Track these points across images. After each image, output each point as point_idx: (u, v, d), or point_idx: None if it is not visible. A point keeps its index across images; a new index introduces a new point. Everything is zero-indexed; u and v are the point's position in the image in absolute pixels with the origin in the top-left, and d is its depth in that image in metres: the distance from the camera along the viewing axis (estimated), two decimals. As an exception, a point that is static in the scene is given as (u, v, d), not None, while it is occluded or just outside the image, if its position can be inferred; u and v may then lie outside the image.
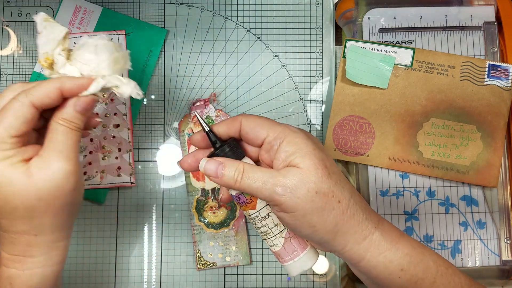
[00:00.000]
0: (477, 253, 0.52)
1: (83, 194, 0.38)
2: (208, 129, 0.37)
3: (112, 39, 0.54)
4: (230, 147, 0.37)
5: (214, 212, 0.54)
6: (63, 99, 0.36)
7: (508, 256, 0.51)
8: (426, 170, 0.52)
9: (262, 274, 0.54)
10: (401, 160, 0.52)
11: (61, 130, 0.36)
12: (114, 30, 0.54)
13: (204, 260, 0.53)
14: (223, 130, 0.38)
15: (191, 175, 0.54)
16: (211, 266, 0.53)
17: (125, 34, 0.54)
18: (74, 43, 0.54)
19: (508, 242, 0.51)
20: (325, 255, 0.54)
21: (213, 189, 0.54)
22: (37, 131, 0.39)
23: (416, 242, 0.37)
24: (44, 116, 0.38)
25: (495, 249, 0.52)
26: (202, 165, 0.37)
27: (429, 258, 0.37)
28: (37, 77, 0.54)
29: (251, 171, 0.35)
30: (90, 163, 0.53)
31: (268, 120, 0.37)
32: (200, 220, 0.54)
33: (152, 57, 0.55)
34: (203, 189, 0.54)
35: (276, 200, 0.35)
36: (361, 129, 0.52)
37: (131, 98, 0.54)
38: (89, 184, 0.53)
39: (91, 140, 0.53)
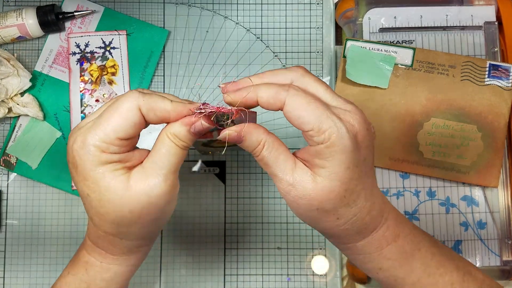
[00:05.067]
0: (478, 253, 0.51)
1: (173, 209, 0.37)
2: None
3: (113, 39, 0.54)
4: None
5: (214, 212, 0.54)
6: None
7: (508, 257, 0.51)
8: (427, 170, 0.51)
9: (262, 274, 0.54)
10: (401, 160, 0.52)
11: (167, 144, 0.33)
12: (116, 30, 0.55)
13: (203, 260, 0.53)
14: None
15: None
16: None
17: (126, 35, 0.55)
18: (75, 42, 0.54)
19: (509, 242, 0.51)
20: (325, 256, 0.54)
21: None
22: None
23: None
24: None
25: (496, 249, 0.51)
26: (224, 132, 0.33)
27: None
28: (38, 76, 0.54)
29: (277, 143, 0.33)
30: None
31: (320, 107, 0.32)
32: (200, 220, 0.54)
33: (153, 57, 0.55)
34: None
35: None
36: (361, 129, 0.52)
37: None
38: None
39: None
